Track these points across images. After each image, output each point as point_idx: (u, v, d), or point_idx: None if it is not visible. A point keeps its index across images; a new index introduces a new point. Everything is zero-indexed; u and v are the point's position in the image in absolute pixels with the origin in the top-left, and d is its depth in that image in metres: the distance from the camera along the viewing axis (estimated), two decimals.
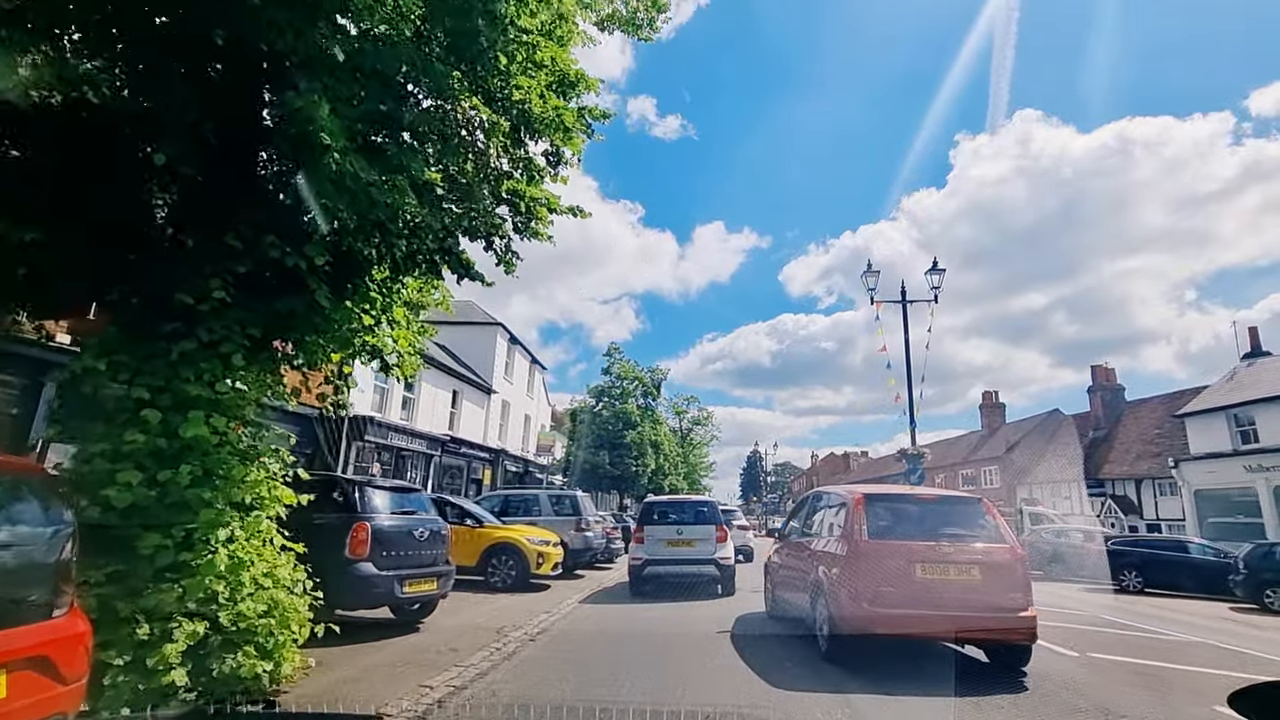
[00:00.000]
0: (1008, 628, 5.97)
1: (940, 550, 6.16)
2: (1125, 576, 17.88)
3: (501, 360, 28.81)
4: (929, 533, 6.38)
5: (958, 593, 5.97)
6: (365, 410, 17.63)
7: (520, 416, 31.66)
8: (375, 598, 6.79)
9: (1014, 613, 5.96)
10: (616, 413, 31.56)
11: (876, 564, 6.11)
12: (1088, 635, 9.31)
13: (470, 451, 24.34)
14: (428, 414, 21.69)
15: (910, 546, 6.17)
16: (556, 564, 12.44)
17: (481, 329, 28.27)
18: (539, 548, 12.03)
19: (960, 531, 6.46)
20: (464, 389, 24.79)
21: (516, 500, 15.38)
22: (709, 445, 63.61)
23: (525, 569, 11.82)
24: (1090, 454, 30.88)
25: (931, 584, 5.97)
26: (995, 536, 6.41)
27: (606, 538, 16.97)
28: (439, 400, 22.66)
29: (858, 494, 6.87)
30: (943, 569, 6.04)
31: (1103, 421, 31.71)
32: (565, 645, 7.37)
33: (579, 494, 15.21)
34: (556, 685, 5.63)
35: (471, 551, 11.86)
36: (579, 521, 14.62)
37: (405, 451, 19.84)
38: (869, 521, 6.44)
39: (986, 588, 6.01)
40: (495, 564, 11.88)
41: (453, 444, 22.77)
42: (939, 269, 17.43)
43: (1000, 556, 6.21)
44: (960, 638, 6.16)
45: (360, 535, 6.78)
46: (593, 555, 15.44)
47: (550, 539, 12.62)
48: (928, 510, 6.79)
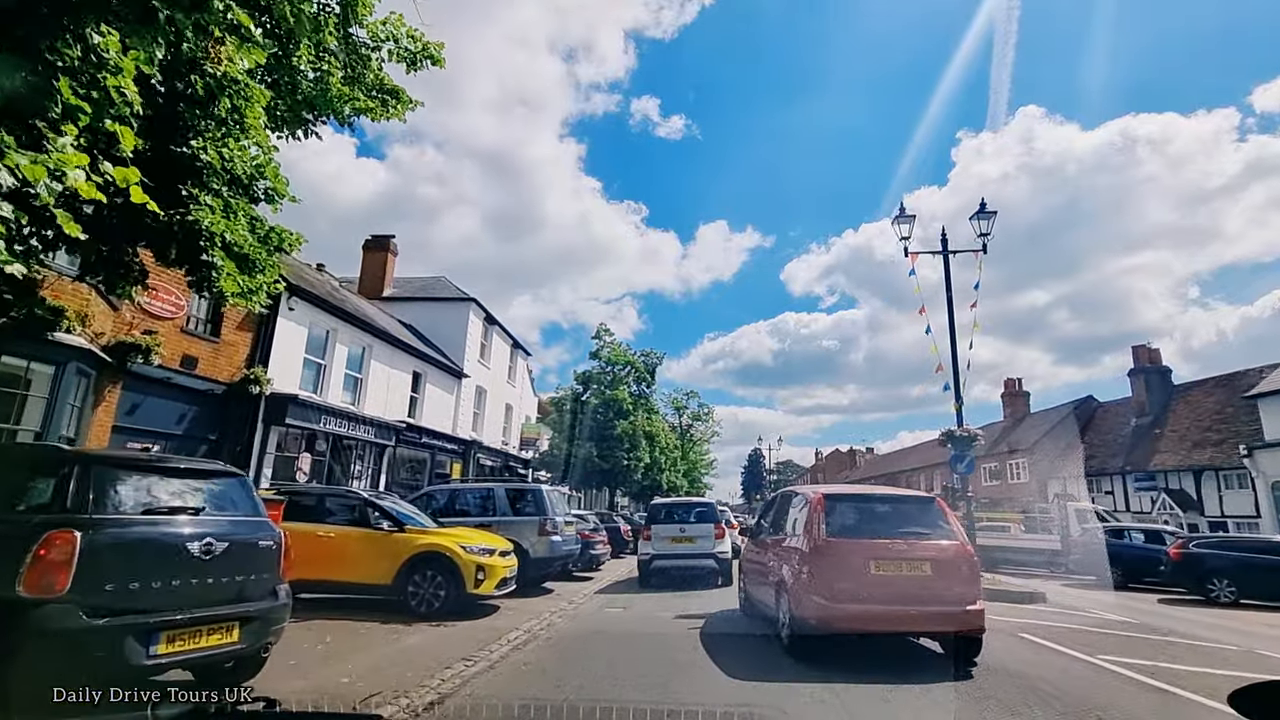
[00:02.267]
0: (957, 621, 6.16)
1: (894, 548, 6.32)
2: (1215, 585, 14.69)
3: (475, 341, 25.64)
4: (884, 531, 6.53)
5: (910, 588, 6.14)
6: (291, 387, 14.47)
7: (499, 405, 28.49)
8: (82, 667, 3.61)
9: (962, 606, 6.15)
10: (606, 400, 28.24)
11: (834, 561, 6.28)
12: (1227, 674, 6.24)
13: (434, 442, 21.18)
14: (379, 397, 18.53)
15: (866, 544, 6.33)
16: (506, 578, 9.29)
17: (451, 306, 25.11)
18: (478, 558, 8.87)
19: (914, 530, 6.59)
20: (428, 371, 21.63)
21: (464, 496, 12.21)
22: (710, 442, 60.62)
23: (459, 587, 8.66)
24: (1135, 444, 27.70)
25: (885, 580, 6.14)
26: (947, 535, 6.57)
27: (582, 542, 13.82)
28: (395, 382, 19.50)
29: (818, 494, 7.05)
30: (896, 565, 6.21)
31: (1148, 407, 28.51)
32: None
33: (545, 488, 12.05)
34: None
35: (386, 565, 8.72)
36: (543, 523, 11.46)
37: (347, 440, 16.68)
38: (828, 520, 6.60)
39: (937, 583, 6.18)
40: (418, 581, 8.73)
41: (410, 432, 19.61)
42: (988, 212, 14.28)
43: (951, 554, 6.37)
44: (914, 631, 6.50)
45: (51, 554, 3.61)
46: (563, 564, 12.29)
47: (498, 545, 9.47)
48: (885, 510, 6.92)
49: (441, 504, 12.08)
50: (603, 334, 30.49)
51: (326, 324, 16.27)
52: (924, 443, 56.86)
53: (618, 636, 7.88)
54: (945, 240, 14.63)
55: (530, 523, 11.49)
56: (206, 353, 12.84)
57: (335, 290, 18.90)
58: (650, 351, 32.01)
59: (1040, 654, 7.30)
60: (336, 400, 16.38)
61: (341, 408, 16.28)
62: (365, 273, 25.63)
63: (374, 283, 25.34)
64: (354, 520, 9.11)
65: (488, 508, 11.77)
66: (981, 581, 6.57)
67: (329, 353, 16.39)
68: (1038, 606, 11.37)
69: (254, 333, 13.95)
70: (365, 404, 17.81)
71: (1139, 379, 29.41)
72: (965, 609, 6.14)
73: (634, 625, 8.73)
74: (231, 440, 13.37)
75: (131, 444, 11.45)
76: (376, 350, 18.45)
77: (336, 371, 16.60)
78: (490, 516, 11.62)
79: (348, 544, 8.86)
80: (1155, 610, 12.34)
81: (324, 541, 8.78)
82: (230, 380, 13.26)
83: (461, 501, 12.08)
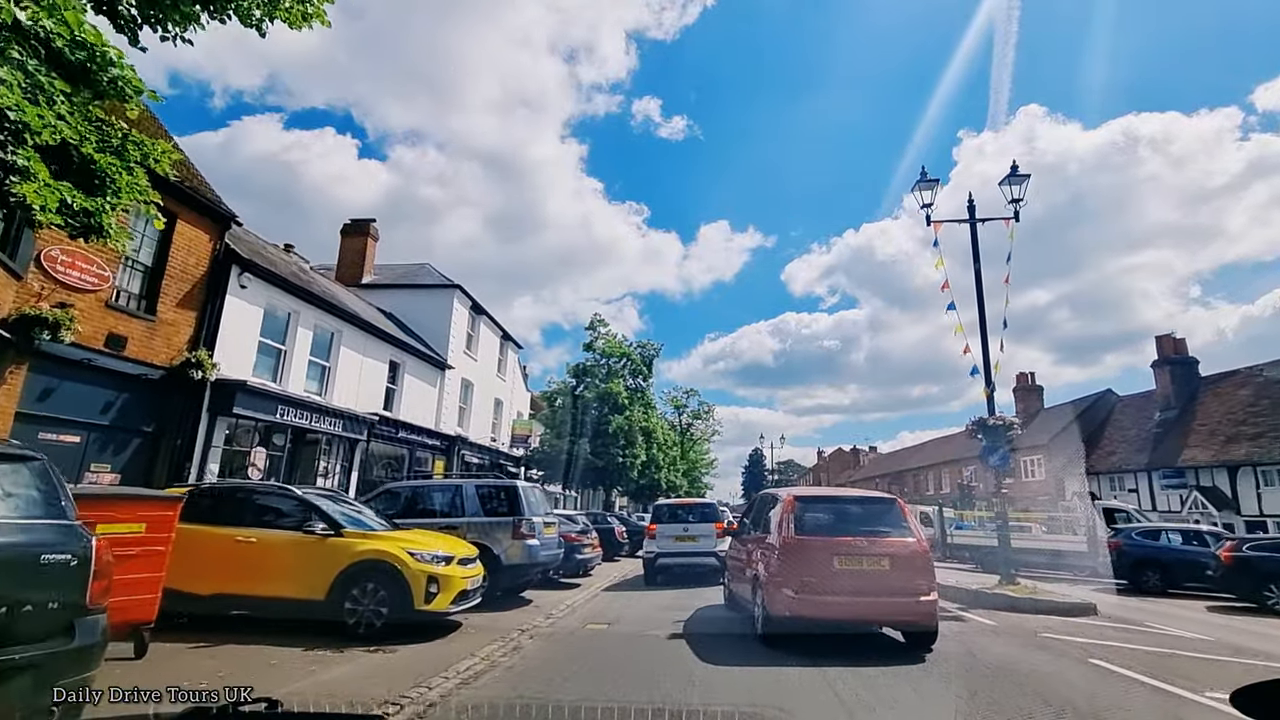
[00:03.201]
0: (912, 611, 6.70)
1: (856, 545, 6.82)
2: (1273, 592, 13.14)
3: (461, 331, 24.11)
4: (848, 530, 7.03)
5: (870, 581, 6.67)
6: (243, 374, 12.94)
7: (487, 400, 26.97)
8: None
9: (916, 598, 6.67)
10: (600, 394, 26.64)
11: (801, 557, 6.82)
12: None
13: (413, 437, 19.64)
14: (350, 388, 17.00)
15: (830, 541, 6.86)
16: (467, 591, 7.78)
17: (434, 293, 23.58)
18: (430, 567, 7.35)
19: (875, 528, 7.08)
20: (407, 361, 20.10)
21: (429, 495, 10.67)
22: (710, 441, 59.09)
23: (406, 602, 7.15)
24: (1161, 439, 26.14)
25: (847, 574, 6.68)
26: (906, 533, 7.07)
27: (566, 545, 12.30)
28: (369, 372, 17.97)
29: (789, 495, 7.58)
30: (857, 560, 6.73)
31: (1174, 400, 26.94)
32: None
33: (521, 485, 10.53)
34: None
35: (317, 576, 7.21)
36: (518, 524, 9.94)
37: (312, 433, 15.15)
38: (796, 520, 7.12)
39: (894, 577, 6.71)
40: (357, 596, 7.21)
41: (386, 426, 18.09)
42: (1020, 175, 12.76)
43: (907, 549, 6.88)
44: (874, 620, 6.99)
45: None
46: (543, 571, 10.78)
47: (457, 551, 7.95)
48: (849, 510, 7.42)
49: (402, 504, 10.56)
50: (597, 325, 28.92)
51: (287, 305, 14.75)
52: (930, 440, 55.32)
53: (597, 670, 6.35)
54: (972, 207, 13.10)
55: (503, 524, 9.96)
56: (139, 332, 11.31)
57: (302, 271, 17.38)
58: (647, 343, 30.43)
59: (1132, 692, 5.74)
60: (299, 390, 14.85)
61: (304, 398, 14.74)
62: (343, 258, 24.11)
63: (352, 269, 23.83)
64: (279, 522, 7.58)
65: (455, 508, 10.24)
66: (936, 576, 7.03)
67: (290, 337, 14.87)
68: (1091, 620, 9.85)
69: (199, 311, 12.42)
70: (334, 394, 16.28)
71: (1163, 371, 27.83)
72: (919, 600, 6.67)
73: (618, 651, 7.20)
74: (172, 432, 11.85)
75: (44, 434, 9.95)
76: (347, 336, 16.93)
77: (299, 358, 15.07)
78: (458, 517, 10.11)
79: (270, 551, 7.34)
80: (1215, 622, 10.80)
81: (239, 548, 7.26)
82: (169, 364, 11.73)
83: (426, 501, 10.56)
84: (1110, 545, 17.63)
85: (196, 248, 12.40)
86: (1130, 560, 17.01)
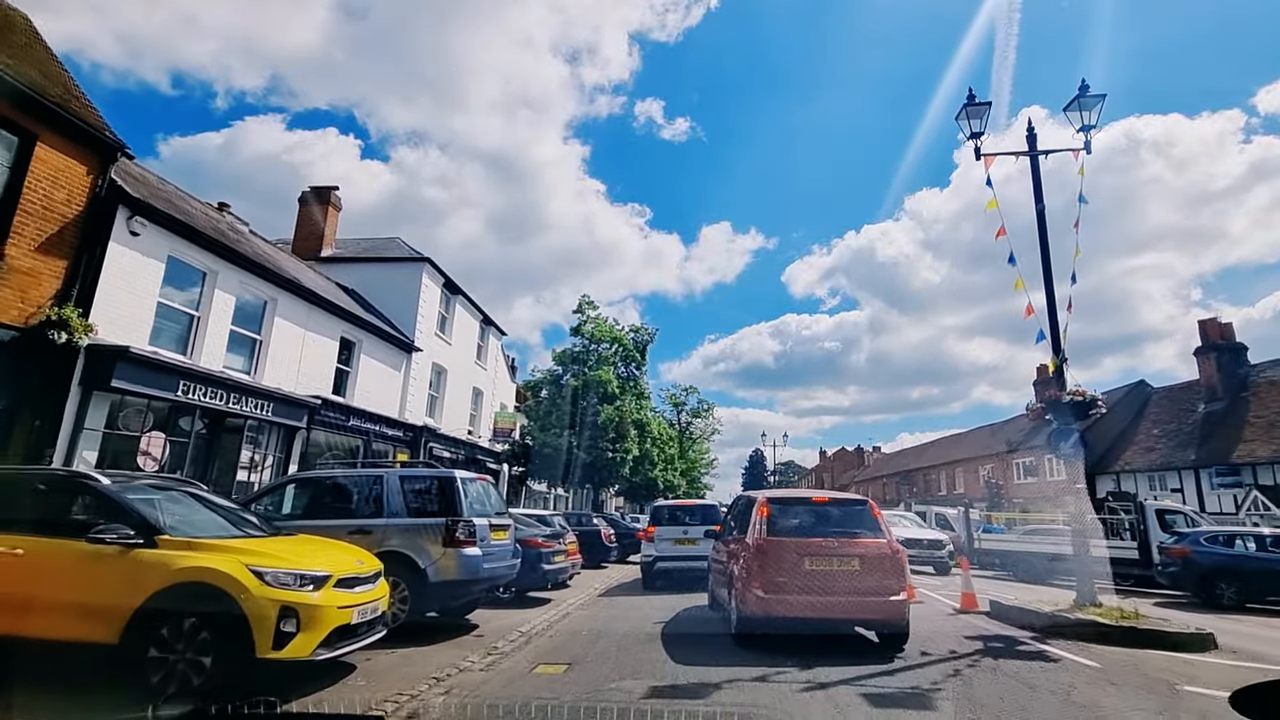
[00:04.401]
0: (883, 611, 6.83)
1: (826, 546, 6.94)
2: None
3: (431, 310, 21.62)
4: (819, 531, 7.17)
5: (840, 582, 6.78)
6: (134, 340, 10.46)
7: (464, 389, 24.48)
8: None
9: (886, 597, 6.78)
10: (588, 382, 24.06)
11: (772, 558, 6.90)
12: None
13: (368, 425, 17.14)
14: (288, 366, 14.53)
15: (800, 542, 6.99)
16: (352, 625, 5.30)
17: (400, 268, 21.09)
18: (284, 593, 4.87)
19: (846, 529, 7.21)
20: (364, 340, 17.62)
21: (337, 488, 8.18)
22: (709, 440, 56.66)
23: (242, 646, 4.67)
24: (1209, 433, 23.65)
25: (818, 574, 6.80)
26: (876, 533, 7.18)
27: (532, 553, 9.83)
28: (314, 349, 15.49)
29: (762, 498, 7.70)
30: (828, 561, 6.86)
31: (1221, 390, 24.45)
32: None
33: (461, 476, 8.02)
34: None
35: (111, 608, 4.72)
36: (453, 527, 7.46)
37: (235, 417, 12.67)
38: (768, 521, 7.25)
39: (865, 577, 6.82)
40: (168, 638, 4.73)
41: (333, 412, 15.60)
42: (1092, 96, 10.29)
43: (878, 550, 6.97)
44: (845, 620, 6.98)
45: None
46: (489, 587, 8.31)
47: (341, 568, 5.47)
48: (820, 511, 7.52)
49: (306, 501, 8.09)
50: (586, 307, 26.21)
51: (201, 262, 12.27)
52: (941, 438, 52.85)
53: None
54: (1033, 137, 10.64)
55: (432, 528, 7.48)
56: None
57: (232, 230, 14.90)
58: (641, 327, 27.70)
59: None
60: (214, 364, 12.36)
61: (220, 374, 12.25)
62: (300, 230, 21.63)
63: (310, 241, 21.35)
64: (60, 525, 5.11)
65: (372, 506, 7.75)
66: (908, 575, 7.07)
67: (205, 302, 12.38)
68: (1215, 658, 7.37)
69: (70, 260, 9.95)
70: (265, 373, 13.80)
71: (1207, 358, 25.32)
72: (889, 599, 6.79)
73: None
74: (28, 409, 9.37)
75: None
76: (284, 306, 14.45)
77: (217, 327, 12.58)
78: (374, 518, 7.62)
79: (40, 568, 4.86)
80: None
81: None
82: (23, 324, 9.27)
83: (334, 496, 8.07)
84: (1174, 553, 15.14)
85: (68, 180, 9.93)
86: (1200, 570, 14.52)
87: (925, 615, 10.07)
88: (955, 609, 10.58)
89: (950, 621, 9.51)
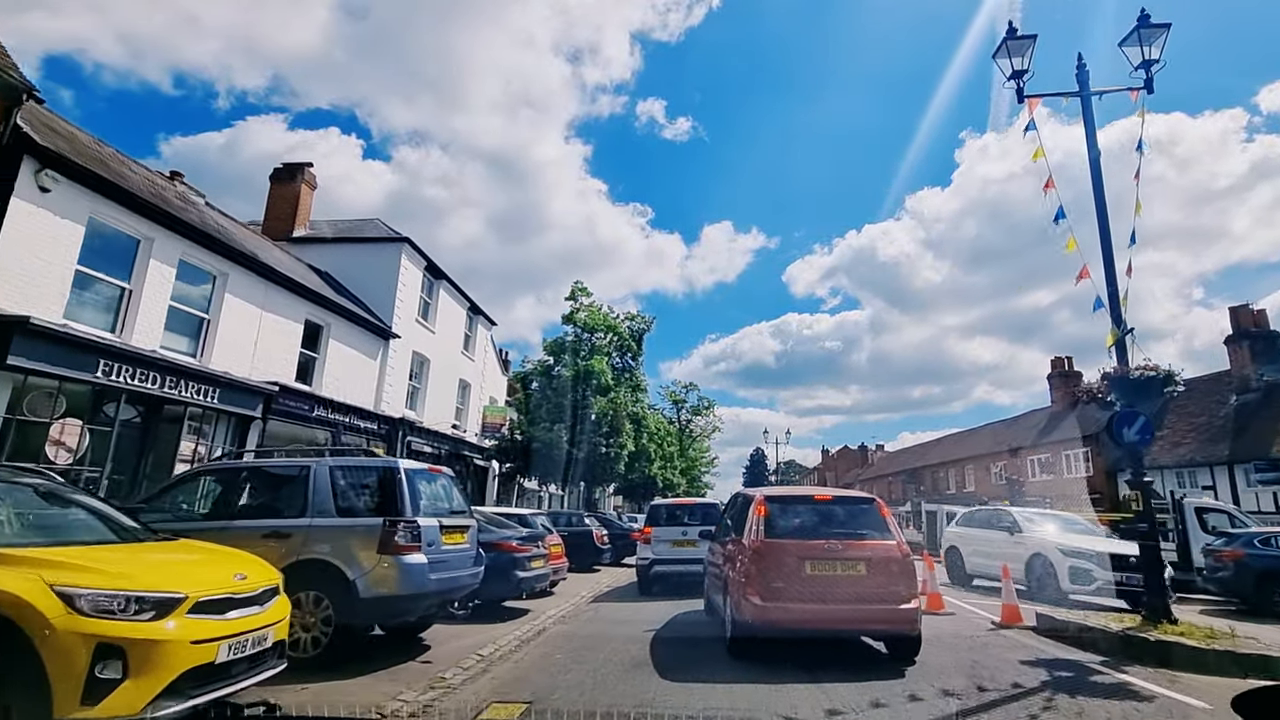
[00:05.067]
0: (891, 619, 6.24)
1: (829, 548, 6.35)
2: None
3: (412, 294, 20.16)
4: (821, 532, 6.56)
5: (845, 588, 6.20)
6: (38, 311, 9.00)
7: (449, 381, 23.03)
8: None
9: (896, 605, 6.18)
10: (580, 373, 22.57)
11: (770, 562, 6.32)
12: None
13: (337, 417, 15.70)
14: (241, 348, 13.09)
15: (801, 545, 6.39)
16: (216, 665, 3.85)
17: (377, 249, 19.63)
18: (106, 625, 3.40)
19: (851, 530, 6.63)
20: (334, 324, 16.18)
21: (248, 481, 6.72)
22: (710, 438, 55.23)
23: (35, 705, 3.21)
24: (1243, 426, 22.18)
25: (820, 579, 6.20)
26: (884, 534, 6.61)
27: (494, 559, 8.38)
28: (274, 331, 14.05)
29: (759, 496, 7.12)
30: (831, 565, 6.27)
31: (1255, 380, 22.97)
32: None
33: (406, 466, 6.55)
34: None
35: None
36: (392, 529, 6.00)
37: (173, 404, 11.23)
38: (766, 522, 6.68)
39: (872, 583, 6.22)
40: None
41: (293, 400, 14.15)
42: (1154, 25, 8.83)
43: (886, 553, 6.40)
44: (850, 628, 6.40)
45: None
46: (439, 602, 6.85)
47: (206, 586, 4.01)
48: (823, 511, 6.93)
49: (216, 498, 6.65)
50: (578, 293, 24.68)
51: (133, 228, 10.83)
52: (950, 435, 51.38)
53: None
54: (1083, 70, 9.17)
55: (363, 530, 6.03)
56: None
57: (180, 198, 13.45)
58: (638, 315, 26.03)
59: None
60: (148, 343, 10.92)
61: (151, 354, 10.80)
62: (272, 209, 20.19)
63: (282, 221, 19.91)
64: None
65: (292, 502, 6.30)
66: (918, 581, 6.56)
67: (138, 272, 10.94)
68: None
69: None
70: (213, 355, 12.36)
71: (1239, 347, 23.84)
72: (899, 607, 6.18)
73: None
74: None
75: None
76: (237, 282, 13.00)
77: (153, 302, 11.13)
78: (295, 518, 6.16)
79: None
80: None
81: None
82: None
83: (247, 491, 6.62)
84: (1225, 556, 13.65)
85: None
86: (1254, 574, 13.03)
87: (961, 631, 8.63)
88: (994, 623, 9.12)
89: (994, 640, 8.06)
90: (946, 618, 9.84)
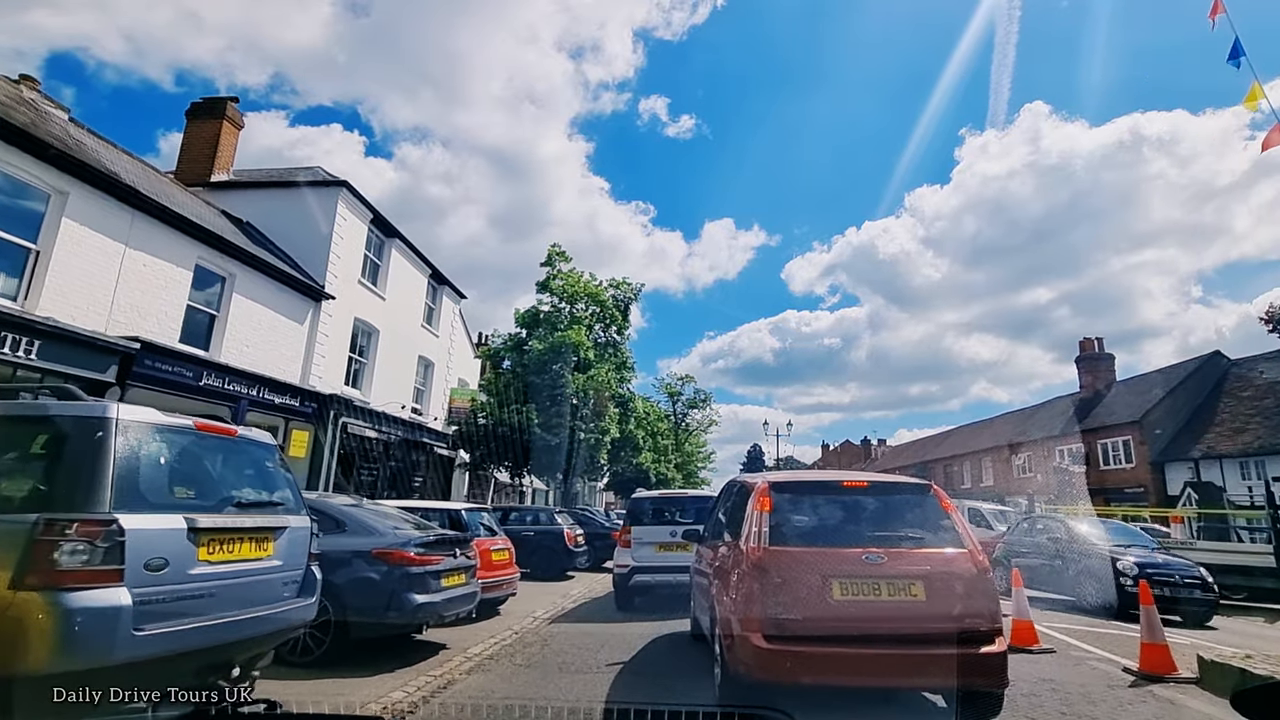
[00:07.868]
0: (967, 668, 3.83)
1: (868, 561, 4.14)
2: None
3: (354, 250, 17.06)
4: (854, 536, 4.37)
5: (893, 620, 4.03)
6: None
7: (405, 357, 19.94)
8: None
9: (973, 648, 3.88)
10: (553, 345, 19.34)
11: (779, 581, 4.12)
12: None
13: (241, 389, 12.57)
14: (91, 292, 10.01)
15: (825, 555, 4.20)
16: None
17: (311, 195, 16.46)
18: None
19: (899, 533, 4.40)
20: (240, 274, 13.08)
21: None
22: (707, 432, 52.38)
23: None
24: None
25: (856, 607, 4.01)
26: (949, 540, 4.32)
27: (368, 576, 5.35)
28: (140, 273, 10.96)
29: (761, 484, 4.73)
30: (872, 586, 4.07)
31: None
32: None
33: (127, 418, 3.52)
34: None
35: None
36: (52, 544, 2.94)
37: None
38: (771, 521, 4.44)
39: (934, 611, 4.00)
40: None
41: (168, 363, 11.03)
42: None
43: (956, 566, 4.14)
44: (898, 684, 4.27)
45: None
46: (198, 667, 3.77)
47: None
48: (855, 504, 4.63)
49: None
50: (555, 258, 21.43)
51: None
52: (961, 427, 48.50)
53: None
54: None
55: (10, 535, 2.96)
56: None
57: (20, 100, 10.32)
58: (623, 282, 22.58)
59: None
60: None
61: None
62: (187, 150, 17.01)
63: (199, 164, 16.75)
64: None
65: None
66: (1002, 607, 4.16)
67: None
68: None
69: None
70: (42, 299, 9.28)
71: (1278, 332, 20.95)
72: (979, 651, 3.88)
73: None
74: None
75: None
76: (81, 205, 9.89)
77: None
78: None
79: None
80: None
81: None
82: None
83: None
84: None
85: None
86: None
87: (1080, 684, 5.70)
88: (1133, 673, 6.09)
89: (1144, 706, 5.10)
90: (1045, 656, 6.86)
